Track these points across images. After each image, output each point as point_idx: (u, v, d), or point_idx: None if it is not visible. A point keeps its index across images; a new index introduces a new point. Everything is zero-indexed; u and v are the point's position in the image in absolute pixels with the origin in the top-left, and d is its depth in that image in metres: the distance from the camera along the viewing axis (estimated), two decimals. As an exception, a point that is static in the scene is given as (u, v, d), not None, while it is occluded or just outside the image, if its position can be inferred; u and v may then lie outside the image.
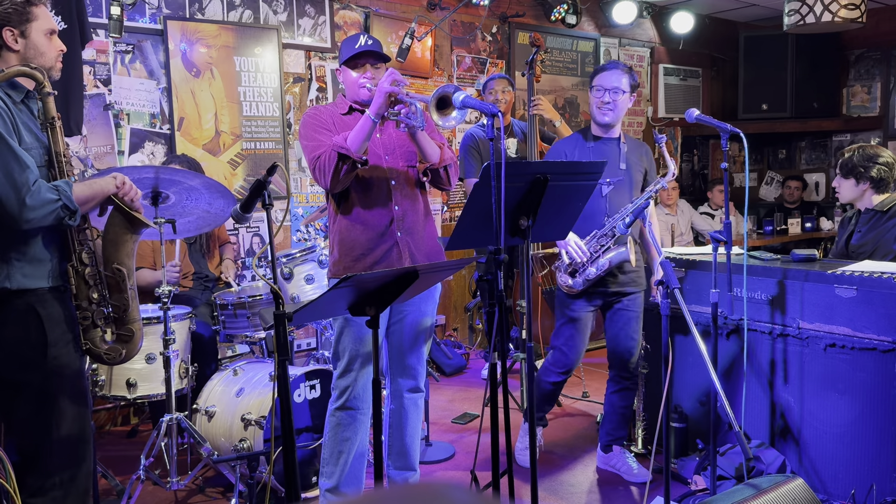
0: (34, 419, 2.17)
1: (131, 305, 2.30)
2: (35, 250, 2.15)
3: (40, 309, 2.15)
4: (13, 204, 2.03)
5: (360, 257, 2.69)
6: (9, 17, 2.16)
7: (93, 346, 2.25)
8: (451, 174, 2.76)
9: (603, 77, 3.19)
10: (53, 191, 2.08)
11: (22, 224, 2.05)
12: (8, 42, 2.18)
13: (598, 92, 3.19)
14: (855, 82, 7.16)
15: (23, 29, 2.19)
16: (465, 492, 0.68)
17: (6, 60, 2.19)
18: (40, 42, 2.23)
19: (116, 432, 4.11)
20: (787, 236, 6.69)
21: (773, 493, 2.01)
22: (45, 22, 2.24)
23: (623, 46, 6.66)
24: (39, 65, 2.19)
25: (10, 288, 2.11)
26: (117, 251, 2.26)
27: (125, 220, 2.26)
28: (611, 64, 3.23)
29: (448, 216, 5.60)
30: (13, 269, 2.12)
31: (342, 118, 2.73)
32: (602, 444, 3.47)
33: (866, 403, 2.81)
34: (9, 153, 2.05)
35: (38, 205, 2.05)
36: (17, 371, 2.15)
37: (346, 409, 2.73)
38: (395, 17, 5.20)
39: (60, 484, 2.19)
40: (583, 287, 3.18)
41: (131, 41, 4.17)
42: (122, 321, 2.29)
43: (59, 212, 2.08)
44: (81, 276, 2.22)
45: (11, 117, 2.11)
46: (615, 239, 3.13)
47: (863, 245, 3.39)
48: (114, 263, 2.25)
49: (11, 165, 2.04)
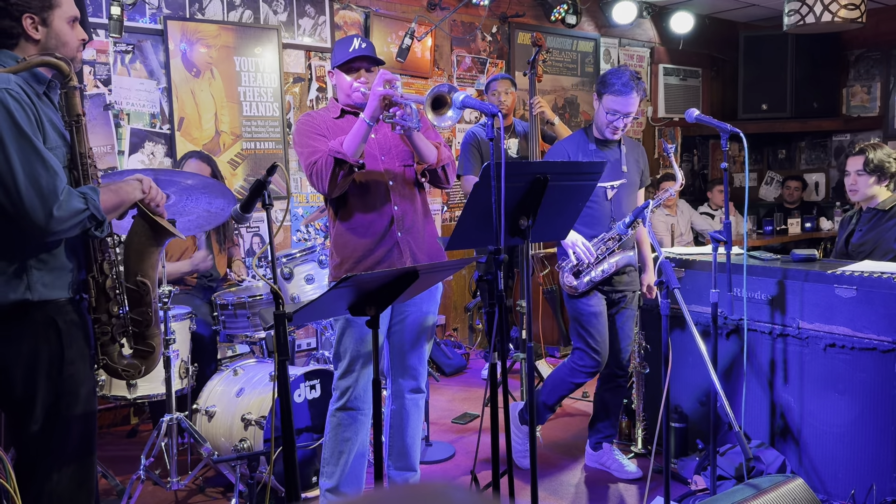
0: (41, 436, 2.02)
1: (154, 319, 2.15)
2: (56, 259, 1.99)
3: (60, 322, 1.99)
4: (40, 214, 1.85)
5: (361, 259, 2.69)
6: (29, 4, 1.98)
7: (111, 362, 2.11)
8: (450, 173, 2.75)
9: (622, 102, 3.06)
10: (81, 199, 1.91)
11: (47, 236, 1.90)
12: (28, 30, 1.99)
13: (612, 116, 3.10)
14: (855, 82, 7.16)
15: (45, 16, 2.01)
16: (465, 492, 0.68)
17: (25, 50, 2.01)
18: (63, 30, 2.05)
19: (116, 432, 4.11)
20: (787, 236, 6.69)
21: (773, 494, 2.01)
22: (68, 8, 2.06)
23: (623, 46, 6.66)
24: (62, 55, 2.01)
25: (31, 300, 1.95)
26: (141, 262, 2.11)
27: (150, 229, 2.11)
28: (629, 84, 3.05)
29: (448, 216, 5.60)
30: (33, 280, 1.95)
31: (335, 122, 2.72)
32: (592, 443, 3.47)
33: (866, 403, 2.81)
34: (35, 157, 1.86)
35: (67, 216, 1.87)
36: (31, 386, 1.99)
37: (346, 409, 2.73)
38: (395, 17, 5.20)
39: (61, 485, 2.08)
40: (586, 288, 3.19)
41: (131, 41, 4.17)
42: (142, 336, 2.15)
43: (85, 222, 1.93)
44: (101, 287, 2.07)
45: (36, 113, 1.93)
46: (621, 243, 3.15)
47: (863, 244, 3.40)
48: (137, 276, 2.11)
49: (38, 171, 1.85)
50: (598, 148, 3.22)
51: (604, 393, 3.40)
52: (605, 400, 3.40)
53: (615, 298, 3.29)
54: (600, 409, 3.43)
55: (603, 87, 3.11)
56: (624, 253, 3.17)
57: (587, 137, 3.27)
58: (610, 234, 3.16)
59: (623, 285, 3.27)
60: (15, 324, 1.97)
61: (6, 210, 1.89)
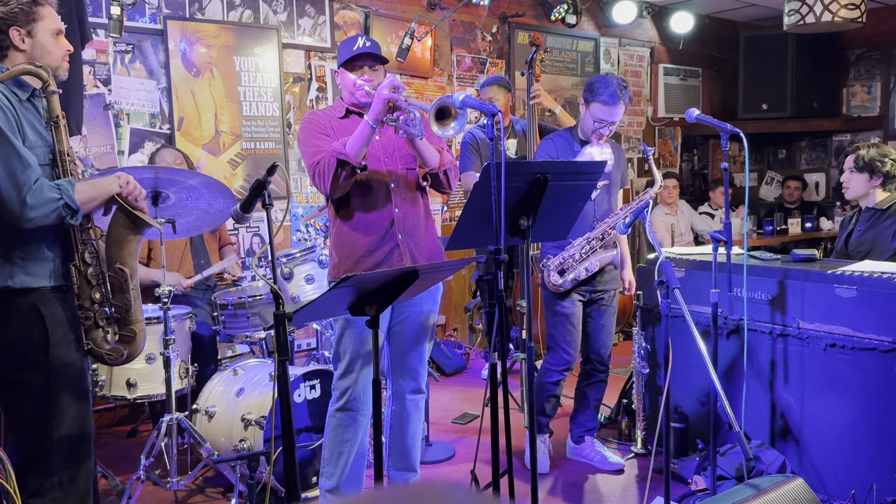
0: (35, 419, 2.17)
1: (134, 306, 2.29)
2: (38, 249, 2.15)
3: (43, 308, 2.15)
4: (15, 202, 2.03)
5: (361, 260, 2.69)
6: (16, 17, 2.17)
7: (95, 347, 2.25)
8: (451, 178, 2.75)
9: (609, 112, 3.16)
10: (55, 190, 2.08)
11: (24, 223, 2.05)
12: (15, 42, 2.19)
13: (598, 124, 3.20)
14: (855, 82, 7.15)
15: (29, 29, 2.20)
16: (465, 492, 0.68)
17: (13, 60, 2.20)
18: (47, 42, 2.23)
19: (116, 432, 4.11)
20: (787, 236, 6.69)
21: (773, 494, 2.01)
22: (51, 22, 2.25)
23: (623, 46, 6.66)
24: (46, 64, 2.19)
25: (13, 287, 2.11)
26: (120, 251, 2.25)
27: (128, 220, 2.25)
28: (616, 95, 3.13)
29: (448, 216, 5.60)
30: (16, 268, 2.12)
31: (340, 122, 2.72)
32: (574, 437, 3.54)
33: (866, 403, 2.81)
34: (11, 151, 2.05)
35: (40, 203, 2.04)
36: (19, 370, 2.15)
37: (346, 409, 2.73)
38: (395, 17, 5.20)
39: (60, 484, 2.18)
40: (570, 286, 3.30)
41: (131, 41, 4.17)
42: (124, 322, 2.28)
43: (60, 211, 2.08)
44: (84, 275, 2.21)
45: (16, 115, 2.11)
46: (603, 242, 3.27)
47: (861, 243, 3.40)
48: (117, 263, 2.25)
49: (14, 164, 2.04)
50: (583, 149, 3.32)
51: (585, 388, 3.49)
52: (585, 394, 3.49)
53: (594, 297, 3.40)
54: (581, 403, 3.51)
55: (591, 95, 3.20)
56: (607, 251, 3.30)
57: (573, 138, 3.35)
58: (594, 234, 3.26)
59: (603, 284, 3.38)
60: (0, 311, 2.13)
61: None
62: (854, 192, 3.45)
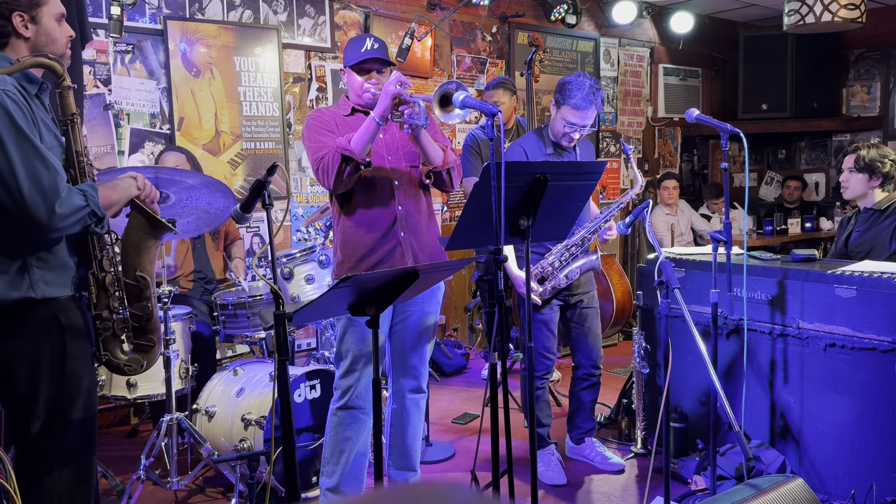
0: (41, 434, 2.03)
1: (154, 314, 2.17)
2: (56, 257, 2.01)
3: (62, 318, 2.01)
4: (42, 212, 1.86)
5: (364, 258, 2.69)
6: (18, 2, 2.00)
7: (112, 358, 2.12)
8: (454, 176, 2.76)
9: (580, 115, 3.05)
10: (81, 196, 1.93)
11: (49, 233, 1.91)
12: (18, 28, 2.01)
13: (569, 127, 3.10)
14: (855, 82, 7.15)
15: (33, 14, 2.03)
16: (465, 492, 0.68)
17: (16, 49, 2.03)
18: (52, 27, 2.07)
19: (116, 432, 4.11)
20: (787, 236, 6.69)
21: (773, 493, 2.01)
22: (54, 5, 2.08)
23: (623, 46, 6.66)
24: (52, 52, 2.04)
25: (34, 297, 1.96)
26: (139, 257, 2.13)
27: (147, 223, 2.13)
28: (588, 98, 3.01)
29: (448, 216, 5.60)
30: (35, 278, 1.96)
31: (345, 119, 2.73)
32: (574, 438, 3.54)
33: (866, 403, 2.81)
34: (35, 157, 1.87)
35: (69, 212, 1.89)
36: (34, 383, 2.00)
37: (348, 408, 2.74)
38: (395, 17, 5.20)
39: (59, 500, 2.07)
40: (549, 295, 3.25)
41: (131, 41, 4.17)
42: (142, 331, 2.16)
43: (86, 219, 1.95)
44: (101, 283, 2.08)
45: (31, 113, 1.95)
46: (583, 248, 3.22)
47: (860, 244, 3.41)
48: (136, 270, 2.12)
49: (38, 170, 1.87)
50: (555, 151, 3.23)
51: (580, 392, 3.47)
52: (580, 398, 3.48)
53: (573, 302, 3.35)
54: (577, 406, 3.50)
55: (562, 98, 3.07)
56: (587, 257, 3.23)
57: (542, 141, 3.24)
58: (573, 241, 3.19)
59: (580, 287, 3.35)
60: (18, 321, 1.98)
61: (8, 209, 1.90)
62: (853, 193, 3.45)
